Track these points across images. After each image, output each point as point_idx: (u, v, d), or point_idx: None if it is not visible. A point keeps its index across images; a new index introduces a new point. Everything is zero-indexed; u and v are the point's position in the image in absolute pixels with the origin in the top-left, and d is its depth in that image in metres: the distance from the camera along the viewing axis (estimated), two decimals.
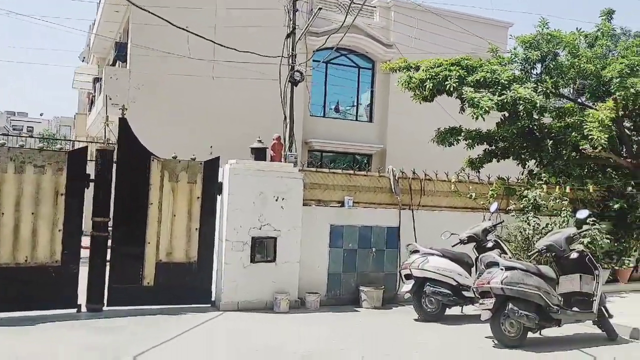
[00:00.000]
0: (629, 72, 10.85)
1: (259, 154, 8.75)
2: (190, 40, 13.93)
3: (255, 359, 6.18)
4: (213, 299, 8.53)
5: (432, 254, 8.28)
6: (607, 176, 11.73)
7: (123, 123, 8.12)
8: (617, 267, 10.75)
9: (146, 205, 8.06)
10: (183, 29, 11.43)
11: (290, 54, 15.59)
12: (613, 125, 10.62)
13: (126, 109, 8.26)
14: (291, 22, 15.76)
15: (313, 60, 17.97)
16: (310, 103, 19.23)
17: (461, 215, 9.88)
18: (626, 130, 11.53)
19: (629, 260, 10.89)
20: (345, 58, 20.37)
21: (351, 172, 9.38)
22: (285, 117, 14.54)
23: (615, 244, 10.74)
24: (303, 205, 8.77)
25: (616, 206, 10.81)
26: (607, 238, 10.15)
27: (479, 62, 11.08)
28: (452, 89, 10.59)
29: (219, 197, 8.59)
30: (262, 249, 8.46)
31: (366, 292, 8.96)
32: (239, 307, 8.30)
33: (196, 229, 8.38)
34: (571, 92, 11.84)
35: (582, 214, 7.86)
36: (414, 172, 9.71)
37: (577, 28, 11.69)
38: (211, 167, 8.56)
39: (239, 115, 17.58)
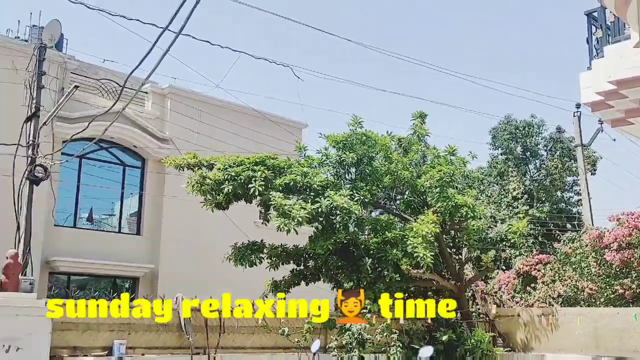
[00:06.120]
0: (447, 181, 11.52)
1: None
2: None
3: None
4: None
5: None
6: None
7: None
8: None
9: None
10: None
11: (31, 142, 13.81)
12: (435, 241, 11.02)
13: None
14: (33, 101, 14.16)
15: (62, 154, 16.20)
16: (56, 209, 17.10)
17: (271, 357, 9.03)
18: (447, 248, 12.09)
19: None
20: (107, 153, 18.89)
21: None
22: (18, 227, 12.61)
23: None
24: (50, 356, 7.05)
25: (444, 338, 10.96)
26: None
27: (288, 162, 10.84)
28: (257, 193, 10.04)
29: None
30: None
31: None
32: None
33: None
34: (387, 201, 12.19)
35: (426, 352, 7.60)
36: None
37: (387, 131, 12.22)
38: None
39: None
